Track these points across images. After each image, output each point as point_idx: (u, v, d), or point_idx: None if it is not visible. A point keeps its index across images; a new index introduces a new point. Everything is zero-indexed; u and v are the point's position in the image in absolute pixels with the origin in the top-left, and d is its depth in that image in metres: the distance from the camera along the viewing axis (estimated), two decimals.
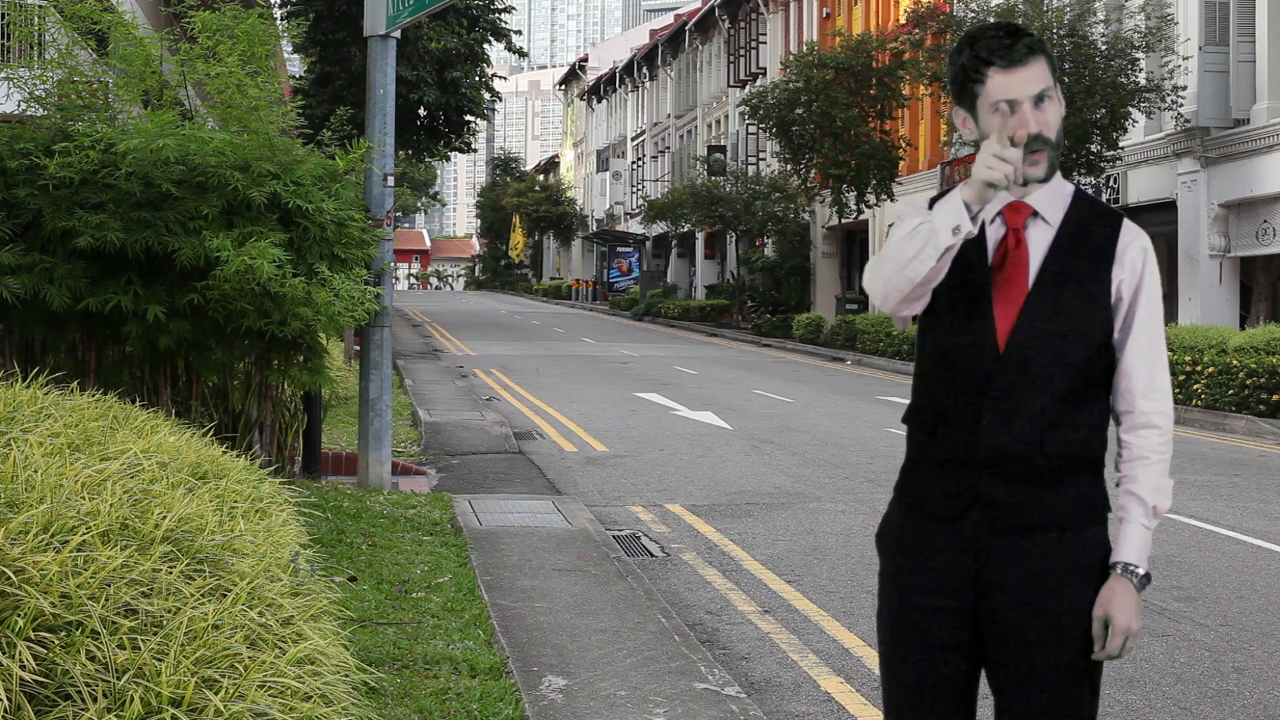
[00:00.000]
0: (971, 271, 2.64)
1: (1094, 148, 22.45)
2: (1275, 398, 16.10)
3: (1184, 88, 21.91)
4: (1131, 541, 2.62)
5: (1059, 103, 2.61)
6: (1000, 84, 2.57)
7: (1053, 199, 2.66)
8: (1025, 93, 2.56)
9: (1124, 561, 2.61)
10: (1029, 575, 2.61)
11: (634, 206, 60.33)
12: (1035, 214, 2.65)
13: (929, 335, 2.71)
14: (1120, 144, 22.77)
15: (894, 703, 2.75)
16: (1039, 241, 2.64)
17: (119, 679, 2.93)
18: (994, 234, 2.66)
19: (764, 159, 43.02)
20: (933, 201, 2.73)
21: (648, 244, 59.35)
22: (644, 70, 63.20)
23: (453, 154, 33.67)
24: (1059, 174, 2.69)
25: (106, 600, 3.10)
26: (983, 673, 2.73)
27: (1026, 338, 2.60)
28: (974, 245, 2.64)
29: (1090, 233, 2.65)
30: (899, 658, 2.72)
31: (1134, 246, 2.66)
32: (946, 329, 2.66)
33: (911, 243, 2.54)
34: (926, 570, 2.66)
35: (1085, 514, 2.64)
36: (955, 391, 2.64)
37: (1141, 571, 2.60)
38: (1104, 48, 22.10)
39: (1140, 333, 2.65)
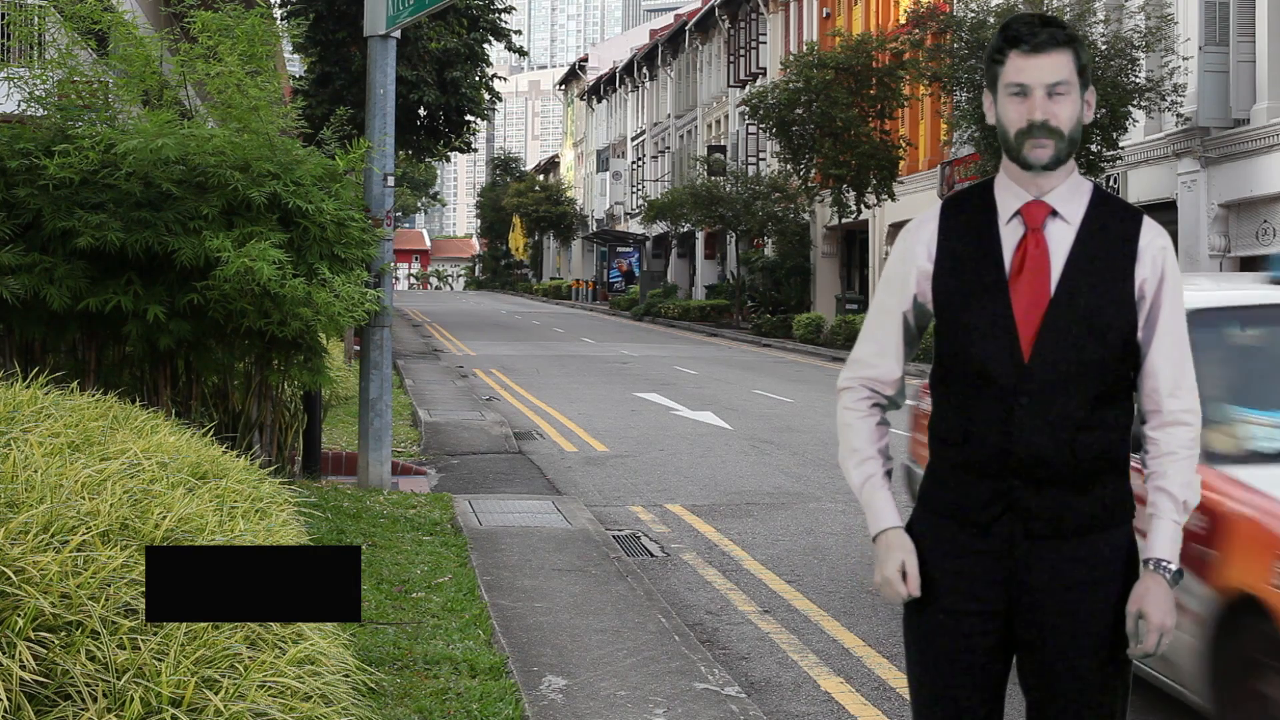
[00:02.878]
0: (990, 276, 2.62)
1: (1094, 148, 22.43)
2: None
3: (1184, 87, 21.90)
4: (1163, 537, 2.60)
5: (1079, 103, 2.60)
6: (1017, 66, 2.57)
7: (1072, 197, 2.64)
8: (1040, 80, 2.56)
9: (1156, 558, 2.59)
10: (1060, 577, 2.60)
11: (634, 206, 60.30)
12: (1054, 213, 2.63)
13: (948, 343, 2.67)
14: (1120, 144, 22.74)
15: (922, 704, 2.73)
16: (1059, 242, 2.62)
17: (119, 679, 2.93)
18: (1013, 234, 2.64)
19: (764, 159, 43.00)
20: (946, 204, 2.73)
21: (648, 244, 59.33)
22: (644, 70, 63.18)
23: (453, 154, 33.69)
24: (1077, 173, 2.67)
25: (106, 600, 3.10)
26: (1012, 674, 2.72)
27: (1052, 342, 2.57)
28: (991, 248, 2.63)
29: (1111, 231, 2.63)
30: (929, 661, 2.70)
31: (1155, 244, 2.64)
32: (968, 335, 2.63)
33: (843, 460, 2.83)
34: (957, 575, 2.65)
35: (1114, 515, 2.64)
36: (982, 400, 2.61)
37: (1174, 567, 2.59)
38: (1104, 47, 22.08)
39: (1165, 331, 2.63)
